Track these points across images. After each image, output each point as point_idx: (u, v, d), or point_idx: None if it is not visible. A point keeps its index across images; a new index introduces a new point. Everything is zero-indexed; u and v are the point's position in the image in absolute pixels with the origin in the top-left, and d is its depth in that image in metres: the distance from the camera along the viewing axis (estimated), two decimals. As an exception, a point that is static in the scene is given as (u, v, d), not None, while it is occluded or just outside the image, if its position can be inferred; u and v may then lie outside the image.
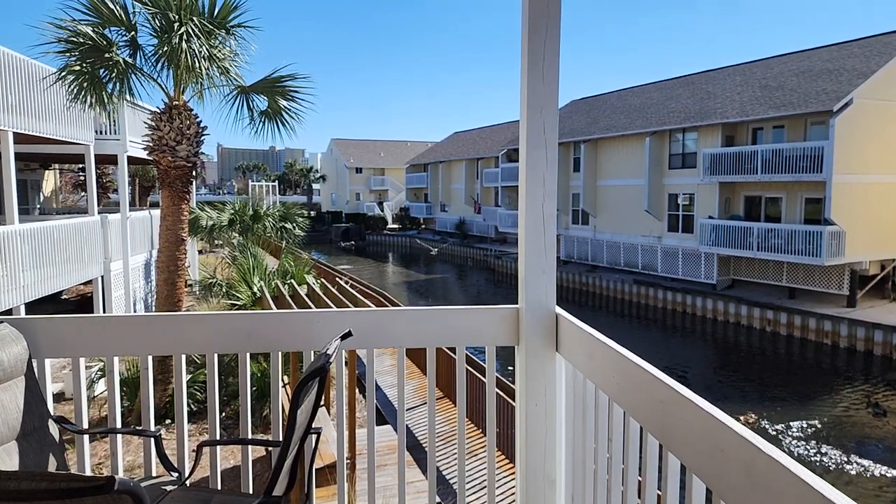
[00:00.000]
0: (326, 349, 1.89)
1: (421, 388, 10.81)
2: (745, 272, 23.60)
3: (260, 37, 9.43)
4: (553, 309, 2.29)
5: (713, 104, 25.51)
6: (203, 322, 2.36)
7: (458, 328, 2.42)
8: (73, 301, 17.43)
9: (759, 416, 14.24)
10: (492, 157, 42.25)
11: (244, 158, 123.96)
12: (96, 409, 9.43)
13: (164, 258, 9.32)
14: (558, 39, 2.18)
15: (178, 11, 8.35)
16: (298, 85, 9.68)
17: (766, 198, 23.15)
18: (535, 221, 2.25)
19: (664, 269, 26.25)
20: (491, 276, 35.82)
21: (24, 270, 10.63)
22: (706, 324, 22.95)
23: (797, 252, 20.51)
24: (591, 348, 1.96)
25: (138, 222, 16.08)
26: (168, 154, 9.03)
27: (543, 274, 2.28)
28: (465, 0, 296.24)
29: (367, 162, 65.91)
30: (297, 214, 16.99)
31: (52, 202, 22.22)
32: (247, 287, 10.70)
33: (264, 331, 2.34)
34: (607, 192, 30.22)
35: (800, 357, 19.26)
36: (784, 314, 20.61)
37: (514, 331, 2.38)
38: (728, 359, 19.94)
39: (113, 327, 2.31)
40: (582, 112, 34.84)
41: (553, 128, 2.21)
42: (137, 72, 8.74)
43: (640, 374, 1.61)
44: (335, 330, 2.15)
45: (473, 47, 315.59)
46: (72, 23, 8.09)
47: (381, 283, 33.63)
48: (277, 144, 13.57)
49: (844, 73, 21.58)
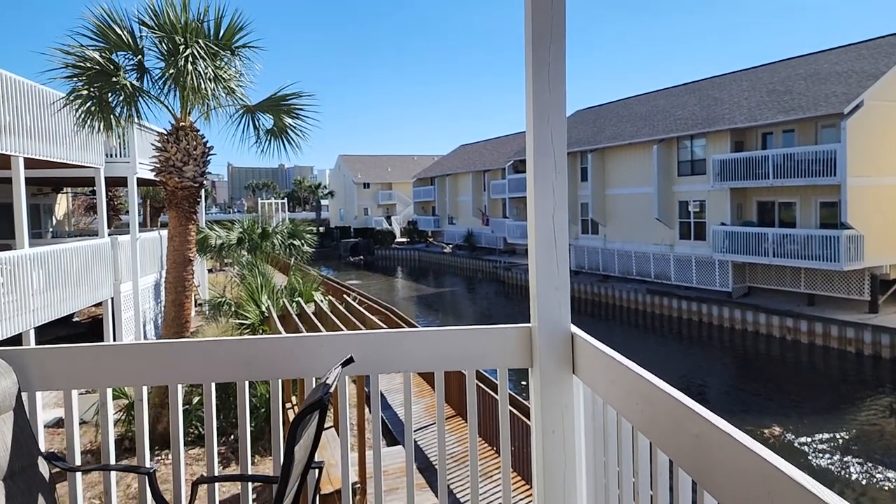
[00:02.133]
0: (326, 378, 1.78)
1: (433, 405, 10.64)
2: (762, 279, 23.24)
3: (265, 56, 9.45)
4: (568, 328, 2.15)
5: (721, 110, 25.32)
6: (199, 350, 2.25)
7: (468, 350, 2.29)
8: (84, 323, 17.47)
9: (784, 428, 13.89)
10: (498, 169, 42.26)
11: (254, 177, 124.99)
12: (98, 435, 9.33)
13: (172, 279, 9.28)
14: (564, 44, 2.07)
15: (183, 34, 8.37)
16: (303, 103, 9.69)
17: (779, 203, 22.85)
18: (546, 234, 2.13)
19: (677, 277, 25.93)
20: (501, 289, 35.60)
21: (34, 294, 10.63)
22: (723, 333, 22.57)
23: (814, 257, 20.16)
24: (610, 371, 1.82)
25: (148, 243, 16.12)
26: (175, 175, 9.02)
27: (557, 291, 2.14)
28: (468, 11, 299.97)
29: (375, 177, 66.21)
30: (306, 231, 16.95)
31: (65, 225, 22.39)
32: (255, 306, 10.64)
33: (263, 358, 2.23)
34: (616, 201, 30.03)
35: (823, 366, 18.83)
36: (804, 322, 20.21)
37: (526, 352, 2.24)
38: (748, 369, 19.54)
39: (106, 357, 2.21)
40: (587, 122, 34.76)
41: (561, 136, 2.09)
42: (145, 95, 8.77)
43: (669, 403, 1.47)
44: (337, 355, 2.05)
45: (478, 58, 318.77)
46: (79, 48, 8.13)
47: (390, 297, 33.52)
48: (286, 162, 13.61)
49: (853, 75, 21.35)
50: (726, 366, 19.99)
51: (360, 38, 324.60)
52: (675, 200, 26.70)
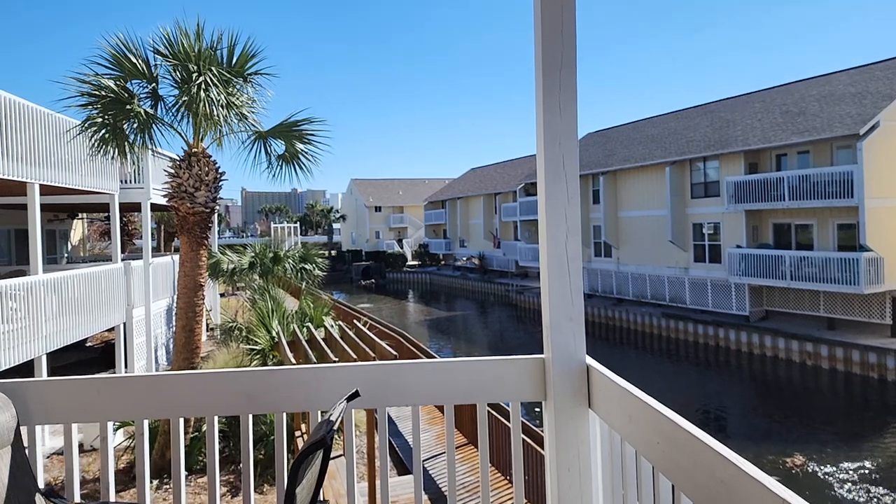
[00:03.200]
0: (330, 415, 1.70)
1: (445, 433, 10.42)
2: (780, 302, 22.85)
3: (277, 80, 9.55)
4: (583, 360, 2.06)
5: (733, 132, 25.23)
6: (201, 382, 2.19)
7: (479, 382, 2.20)
8: (97, 348, 17.51)
9: (807, 457, 13.48)
10: (509, 192, 42.33)
11: (267, 201, 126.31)
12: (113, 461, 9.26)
13: (182, 304, 9.26)
14: (574, 68, 2.02)
15: (197, 62, 8.48)
16: (315, 128, 9.74)
17: (795, 225, 22.56)
18: (559, 262, 2.05)
19: (693, 300, 25.58)
20: (513, 313, 35.34)
21: (47, 320, 10.67)
22: (741, 358, 22.13)
23: (833, 280, 19.80)
24: (629, 406, 1.73)
25: (161, 268, 16.21)
26: (187, 200, 9.07)
27: (571, 321, 2.05)
28: (478, 33, 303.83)
29: (386, 200, 66.61)
30: (317, 255, 16.97)
31: (80, 250, 22.64)
32: (265, 332, 10.58)
33: (267, 390, 2.16)
34: (629, 224, 29.85)
35: (845, 392, 18.35)
36: (825, 346, 19.78)
37: (540, 384, 2.15)
38: (768, 395, 19.09)
39: (107, 390, 2.15)
40: (598, 144, 34.80)
41: (573, 160, 2.02)
42: (158, 122, 8.87)
43: (694, 445, 1.37)
44: (343, 387, 2.00)
45: (489, 82, 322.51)
46: (95, 77, 8.27)
47: (401, 321, 33.39)
48: (298, 186, 13.69)
49: (868, 95, 21.22)
50: (745, 392, 19.55)
51: (372, 62, 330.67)
52: (688, 223, 26.49)
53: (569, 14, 2.00)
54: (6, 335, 9.70)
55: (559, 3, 1.99)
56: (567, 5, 2.00)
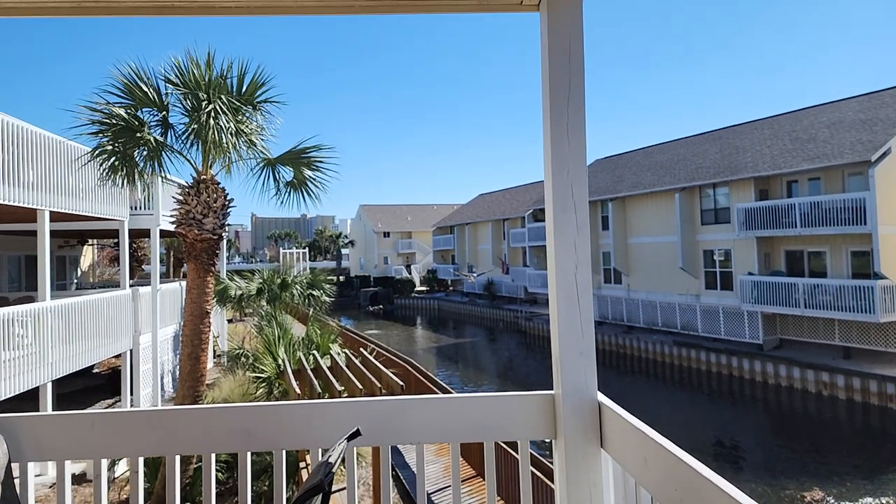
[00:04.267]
0: (329, 456, 1.62)
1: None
2: (793, 331, 22.48)
3: (286, 108, 9.64)
4: (595, 396, 1.97)
5: (743, 158, 25.18)
6: (198, 417, 2.11)
7: (486, 419, 2.10)
8: (104, 374, 17.44)
9: (826, 491, 13.07)
10: (518, 218, 42.35)
11: (277, 227, 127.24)
12: (116, 492, 9.13)
13: (189, 332, 9.21)
14: (582, 94, 1.98)
15: (207, 90, 8.59)
16: (323, 155, 9.81)
17: (808, 252, 22.32)
18: (568, 295, 1.97)
19: (705, 328, 25.23)
20: (522, 339, 35.01)
21: (53, 347, 10.63)
22: (755, 388, 21.69)
23: (848, 308, 19.49)
24: (643, 449, 1.63)
25: (168, 294, 16.21)
26: (195, 227, 9.09)
27: (581, 356, 1.97)
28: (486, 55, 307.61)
29: (395, 226, 66.85)
30: (325, 280, 16.94)
31: (90, 276, 22.76)
32: (272, 359, 10.50)
33: (266, 426, 2.08)
34: (639, 250, 29.69)
35: (863, 424, 17.87)
36: (841, 376, 19.36)
37: (549, 422, 2.05)
38: (783, 426, 18.64)
39: (102, 426, 2.08)
40: (607, 170, 34.84)
41: (582, 189, 1.96)
42: (168, 149, 8.95)
43: (715, 495, 1.26)
44: (345, 423, 1.94)
45: (497, 107, 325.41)
46: (106, 105, 8.38)
47: (409, 348, 33.16)
48: (308, 212, 13.75)
49: (879, 122, 21.16)
50: (760, 423, 19.11)
51: (382, 88, 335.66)
52: (699, 249, 26.30)
53: (576, 42, 1.96)
54: (12, 362, 9.66)
55: (567, 31, 1.95)
56: (575, 33, 1.96)
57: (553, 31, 1.95)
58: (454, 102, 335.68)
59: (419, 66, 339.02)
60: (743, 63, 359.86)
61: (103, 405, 14.81)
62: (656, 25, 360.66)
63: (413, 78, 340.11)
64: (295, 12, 1.97)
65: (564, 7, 1.94)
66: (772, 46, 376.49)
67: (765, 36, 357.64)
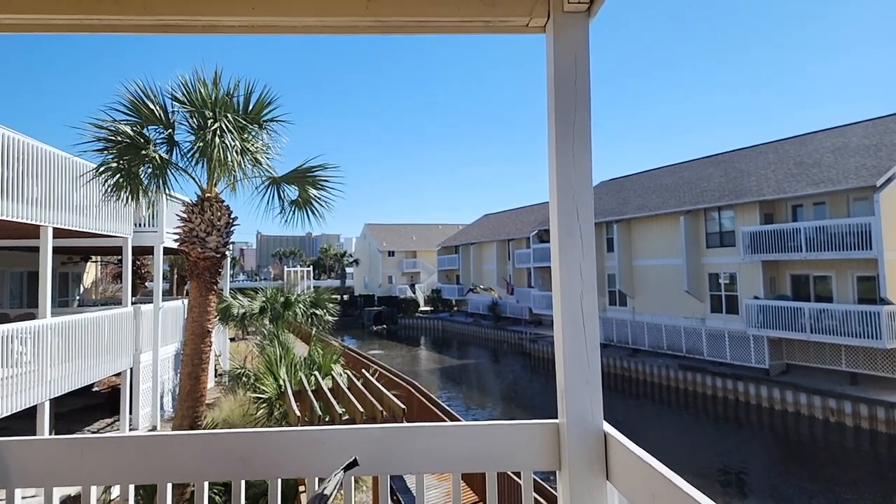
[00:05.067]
0: (324, 488, 1.57)
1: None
2: (800, 356, 22.23)
3: (293, 127, 9.68)
4: (600, 426, 1.91)
5: (748, 182, 25.18)
6: (191, 444, 2.06)
7: (488, 449, 2.04)
8: (103, 393, 17.31)
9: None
10: (523, 238, 42.33)
11: (282, 245, 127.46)
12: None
13: (189, 351, 9.13)
14: (589, 114, 1.95)
15: (213, 109, 8.63)
16: (329, 174, 9.82)
17: (814, 276, 22.17)
18: (573, 321, 1.92)
19: (710, 352, 24.98)
20: (527, 361, 34.73)
21: (52, 365, 10.55)
22: (762, 413, 21.38)
23: (854, 334, 19.28)
24: (651, 484, 1.56)
25: (171, 312, 16.14)
26: (198, 245, 9.07)
27: (587, 384, 1.91)
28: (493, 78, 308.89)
29: (400, 245, 66.89)
30: (328, 300, 16.85)
31: (92, 293, 22.75)
32: (273, 379, 10.40)
33: (262, 453, 2.02)
34: (644, 272, 29.57)
35: (871, 451, 17.55)
36: (848, 403, 19.07)
37: (553, 452, 1.99)
38: (789, 453, 18.32)
39: (91, 451, 2.03)
40: (612, 192, 34.88)
41: (588, 212, 1.92)
42: (173, 166, 8.97)
43: None
44: (343, 452, 1.90)
45: (503, 128, 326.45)
46: (112, 123, 8.42)
47: (412, 369, 32.93)
48: (313, 231, 13.73)
49: (883, 147, 21.17)
50: (766, 449, 18.78)
51: (388, 106, 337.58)
52: (704, 272, 26.17)
53: (583, 64, 1.94)
54: (10, 380, 9.58)
55: (573, 54, 1.93)
56: (581, 56, 1.94)
57: (559, 53, 1.92)
58: (459, 121, 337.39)
59: (424, 85, 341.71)
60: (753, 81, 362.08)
61: (102, 424, 14.68)
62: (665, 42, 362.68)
63: (417, 97, 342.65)
64: (298, 32, 1.95)
65: (571, 30, 1.92)
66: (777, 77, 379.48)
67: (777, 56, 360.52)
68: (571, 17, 1.92)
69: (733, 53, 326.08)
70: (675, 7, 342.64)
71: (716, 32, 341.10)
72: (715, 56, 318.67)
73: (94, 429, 14.27)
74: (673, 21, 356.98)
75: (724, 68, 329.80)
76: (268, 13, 1.87)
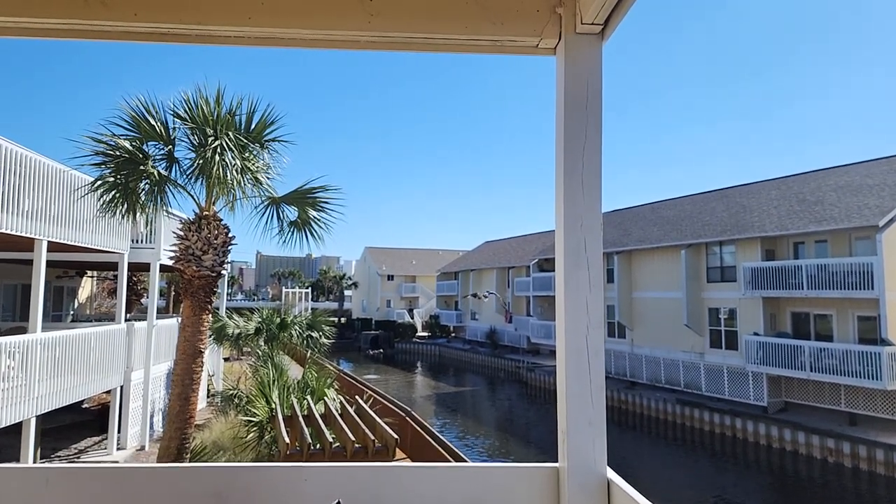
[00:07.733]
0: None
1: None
2: (799, 394, 21.94)
3: (295, 148, 9.63)
4: (604, 472, 1.79)
5: (750, 218, 25.19)
6: (166, 478, 1.93)
7: (482, 492, 1.92)
8: (93, 410, 17.00)
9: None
10: (523, 266, 42.22)
11: (281, 265, 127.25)
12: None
13: (180, 371, 8.95)
14: (600, 141, 1.86)
15: (214, 126, 8.60)
16: (329, 196, 9.77)
17: (814, 314, 22.01)
18: (578, 358, 1.81)
19: (709, 388, 24.68)
20: (523, 390, 34.35)
21: (40, 380, 10.33)
22: (759, 451, 21.02)
23: (855, 374, 19.06)
24: None
25: (165, 330, 15.92)
26: (193, 263, 8.95)
27: (591, 426, 1.79)
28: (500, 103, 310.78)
29: (399, 269, 66.74)
30: (325, 322, 16.68)
31: (87, 308, 22.52)
32: (265, 402, 10.18)
33: (238, 490, 1.89)
34: (644, 305, 29.40)
35: (869, 493, 17.17)
36: (847, 443, 18.74)
37: (552, 499, 1.87)
38: (787, 492, 17.94)
39: (58, 482, 1.90)
40: (613, 224, 34.92)
41: (596, 244, 1.82)
42: (171, 183, 8.91)
43: None
44: (327, 490, 1.79)
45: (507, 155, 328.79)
46: (111, 137, 8.37)
47: (408, 395, 32.50)
48: (313, 252, 13.60)
49: (886, 188, 21.23)
50: (763, 487, 18.40)
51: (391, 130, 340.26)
52: (704, 307, 26.01)
53: (594, 89, 1.85)
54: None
55: (584, 78, 1.85)
56: (593, 81, 1.85)
57: (570, 77, 1.84)
58: (465, 149, 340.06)
59: (424, 108, 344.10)
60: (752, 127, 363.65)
61: (89, 442, 14.37)
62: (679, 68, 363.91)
63: (417, 121, 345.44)
64: (296, 45, 1.87)
65: (583, 53, 1.84)
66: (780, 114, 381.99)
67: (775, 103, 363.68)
68: (584, 39, 1.84)
69: (751, 84, 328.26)
70: (692, 35, 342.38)
71: (733, 66, 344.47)
72: (728, 89, 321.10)
73: (81, 447, 13.96)
74: (689, 51, 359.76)
75: (735, 102, 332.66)
76: (265, 24, 1.79)
